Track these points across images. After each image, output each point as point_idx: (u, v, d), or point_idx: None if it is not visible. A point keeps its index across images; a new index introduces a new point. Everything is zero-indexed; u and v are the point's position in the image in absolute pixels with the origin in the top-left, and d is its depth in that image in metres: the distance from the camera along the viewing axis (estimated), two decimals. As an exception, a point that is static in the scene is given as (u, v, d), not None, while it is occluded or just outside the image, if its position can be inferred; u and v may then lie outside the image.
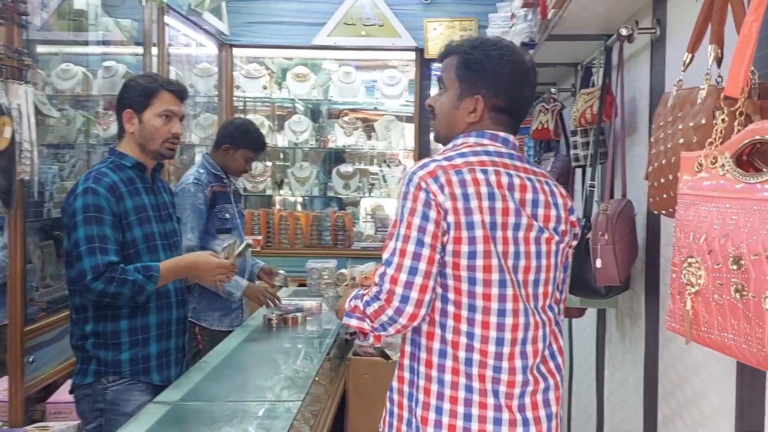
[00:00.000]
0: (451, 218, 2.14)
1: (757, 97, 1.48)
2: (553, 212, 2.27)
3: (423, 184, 2.17)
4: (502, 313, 2.19)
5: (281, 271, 4.80)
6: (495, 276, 2.17)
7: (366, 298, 2.25)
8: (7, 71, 3.24)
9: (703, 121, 1.56)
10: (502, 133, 2.32)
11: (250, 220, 6.72)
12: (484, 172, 2.20)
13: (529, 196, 2.23)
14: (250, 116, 7.20)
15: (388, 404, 2.41)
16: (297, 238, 6.93)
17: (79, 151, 4.82)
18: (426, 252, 2.15)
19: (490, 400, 2.19)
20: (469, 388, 2.19)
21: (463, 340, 2.19)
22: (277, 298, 4.45)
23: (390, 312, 2.16)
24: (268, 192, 7.58)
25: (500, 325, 2.19)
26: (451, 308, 2.20)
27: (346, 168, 7.53)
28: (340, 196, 7.63)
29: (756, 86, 1.48)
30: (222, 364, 3.54)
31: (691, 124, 1.61)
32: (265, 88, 7.42)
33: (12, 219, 3.47)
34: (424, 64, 7.28)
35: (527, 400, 2.24)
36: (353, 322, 2.33)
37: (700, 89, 1.61)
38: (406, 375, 2.33)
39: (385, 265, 2.19)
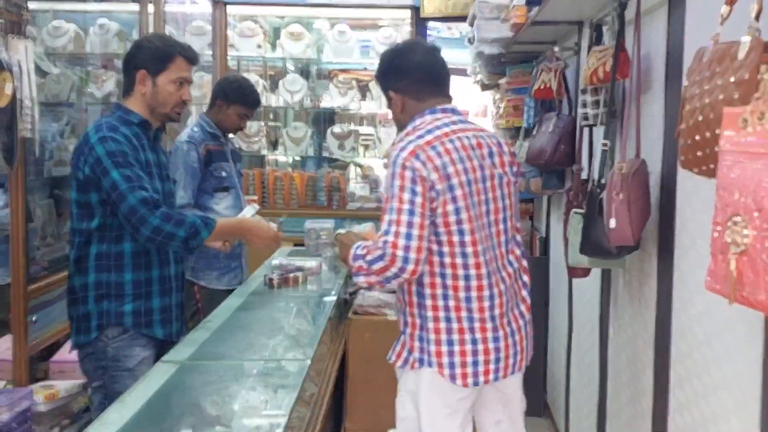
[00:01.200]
0: (438, 187, 2.66)
1: (804, 52, 1.45)
2: (505, 158, 2.89)
3: (408, 164, 2.66)
4: (484, 251, 2.76)
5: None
6: (475, 223, 2.73)
7: (368, 257, 2.70)
8: (7, 25, 3.18)
9: (747, 76, 1.53)
10: (441, 105, 2.90)
11: (245, 180, 6.68)
12: (451, 141, 2.75)
13: (485, 150, 2.83)
14: (243, 75, 7.14)
15: (402, 351, 2.94)
16: (292, 198, 6.90)
17: (75, 109, 4.76)
18: (417, 220, 2.63)
19: (489, 324, 2.78)
20: (471, 320, 2.76)
21: (461, 283, 2.75)
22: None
23: (394, 270, 2.65)
24: (263, 152, 7.53)
25: (486, 261, 2.76)
26: (447, 259, 2.74)
27: (340, 128, 7.47)
28: (334, 157, 7.59)
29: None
30: (226, 324, 3.52)
31: (732, 80, 1.58)
32: (259, 47, 7.34)
33: (14, 177, 3.43)
34: (419, 23, 7.22)
35: (510, 314, 2.87)
36: (361, 279, 2.79)
37: (741, 43, 1.57)
38: (417, 321, 2.84)
39: (384, 234, 2.66)
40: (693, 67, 1.78)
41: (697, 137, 1.72)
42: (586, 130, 3.80)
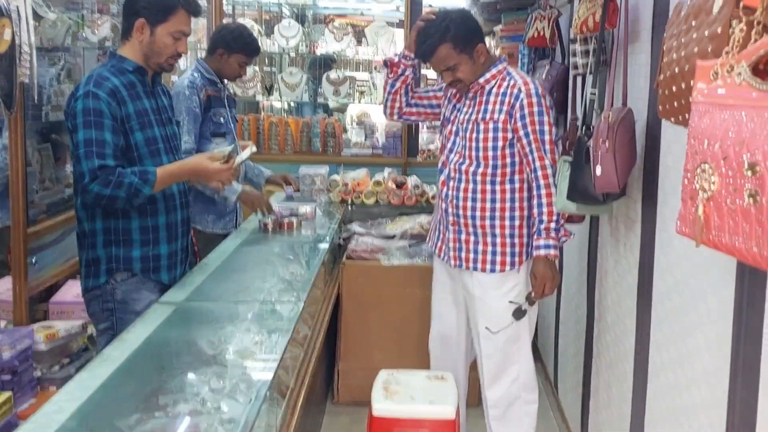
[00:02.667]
0: None
1: (775, 6, 1.50)
2: None
3: (545, 100, 3.46)
4: None
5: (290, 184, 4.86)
6: None
7: (543, 217, 3.46)
8: (4, -30, 3.20)
9: (719, 31, 1.59)
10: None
11: (240, 126, 6.70)
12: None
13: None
14: (239, 20, 7.13)
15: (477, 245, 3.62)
16: (287, 144, 6.93)
17: (71, 54, 4.78)
18: None
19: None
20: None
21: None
22: (269, 208, 4.48)
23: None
24: (258, 98, 7.54)
25: None
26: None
27: (335, 74, 7.49)
28: (329, 102, 7.61)
29: (773, -4, 1.50)
30: (222, 267, 3.61)
31: (706, 33, 1.64)
32: (255, -11, 7.33)
33: (12, 122, 3.48)
34: (416, -32, 7.19)
35: None
36: (553, 243, 3.47)
37: (716, -2, 1.64)
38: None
39: (546, 171, 3.45)
40: (672, 20, 1.84)
41: (674, 88, 1.78)
42: (579, 79, 3.85)
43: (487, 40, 6.73)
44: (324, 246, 4.16)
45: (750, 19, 1.48)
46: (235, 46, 4.50)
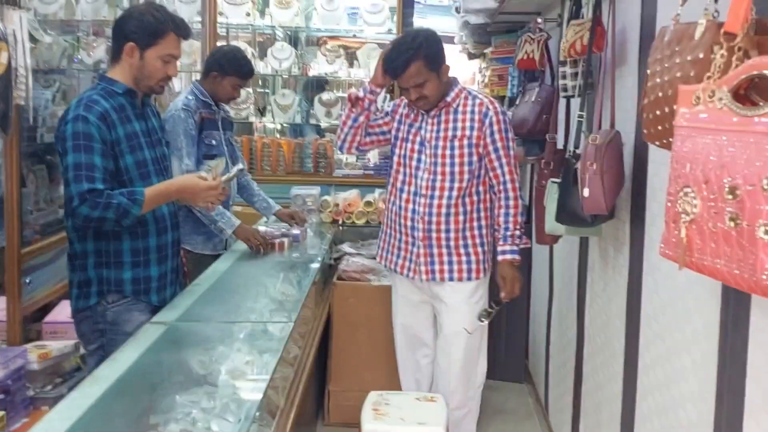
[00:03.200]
0: None
1: (754, 32, 1.53)
2: None
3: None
4: None
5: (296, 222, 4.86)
6: None
7: (509, 225, 3.75)
8: (1, -4, 3.23)
9: (701, 56, 1.63)
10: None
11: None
12: None
13: None
14: (232, 43, 7.17)
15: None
16: (279, 164, 6.96)
17: (66, 76, 4.81)
18: None
19: None
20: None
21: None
22: (265, 246, 4.43)
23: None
24: (251, 119, 7.57)
25: None
26: None
27: (328, 96, 7.52)
28: (321, 124, 7.65)
29: (753, 22, 1.53)
30: (214, 287, 3.62)
31: (688, 58, 1.68)
32: (247, 15, 7.36)
33: (8, 143, 3.50)
34: (407, -9, 7.25)
35: None
36: (517, 248, 3.79)
37: (698, 24, 1.67)
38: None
39: (514, 183, 3.75)
40: (656, 45, 1.87)
41: (658, 112, 1.82)
42: (563, 101, 3.90)
43: (478, 62, 6.80)
44: (315, 266, 4.18)
45: (731, 44, 1.51)
46: (229, 68, 4.53)
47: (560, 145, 3.83)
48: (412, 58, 3.54)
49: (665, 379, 2.43)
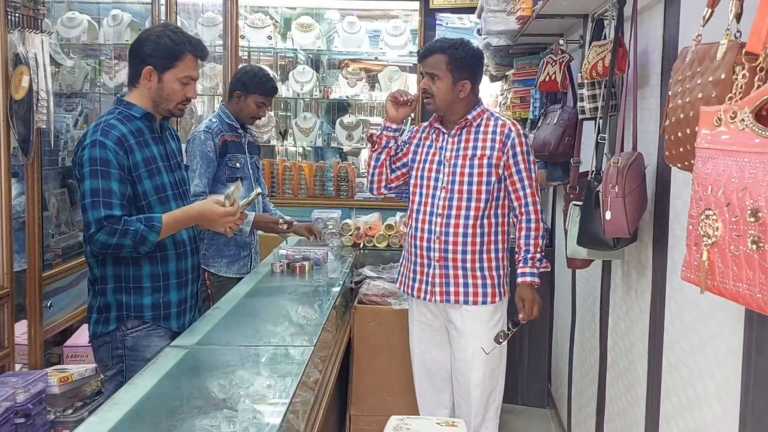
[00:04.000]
0: None
1: (777, 53, 1.51)
2: None
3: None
4: None
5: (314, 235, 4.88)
6: None
7: (530, 247, 3.73)
8: (23, 20, 3.27)
9: (723, 77, 1.60)
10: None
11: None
12: None
13: None
14: (254, 65, 7.22)
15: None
16: (301, 188, 6.98)
17: (89, 100, 4.85)
18: None
19: None
20: None
21: None
22: (289, 223, 4.60)
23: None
24: (273, 142, 7.61)
25: None
26: None
27: (349, 119, 7.54)
28: (342, 147, 7.67)
29: (775, 43, 1.51)
30: (234, 311, 3.62)
31: (710, 79, 1.66)
32: (269, 38, 7.41)
33: (30, 167, 3.52)
34: (428, 13, 7.28)
35: None
36: (537, 271, 3.76)
37: (720, 44, 1.65)
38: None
39: (537, 205, 3.75)
40: (677, 65, 1.86)
41: (680, 134, 1.79)
42: (588, 123, 3.87)
43: (500, 84, 6.78)
44: (336, 290, 4.17)
45: (752, 65, 1.49)
46: (251, 85, 4.56)
47: (585, 168, 3.80)
48: (439, 48, 3.64)
49: (688, 404, 2.39)
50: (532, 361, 5.45)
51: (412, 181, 3.86)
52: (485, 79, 7.10)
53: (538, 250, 3.75)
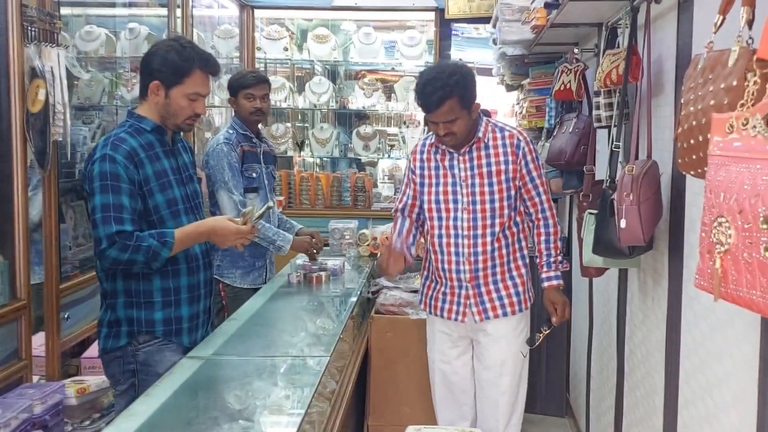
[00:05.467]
0: None
1: (788, 59, 1.51)
2: None
3: None
4: None
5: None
6: None
7: (551, 251, 3.73)
8: (40, 34, 3.29)
9: (735, 83, 1.60)
10: None
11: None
12: None
13: None
14: (270, 77, 7.23)
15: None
16: (318, 198, 7.00)
17: (106, 112, 4.88)
18: None
19: None
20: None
21: None
22: (319, 248, 4.72)
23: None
24: (290, 153, 7.63)
25: None
26: None
27: (365, 129, 7.56)
28: (359, 157, 7.68)
29: (787, 49, 1.51)
30: (250, 321, 3.62)
31: (722, 86, 1.65)
32: (285, 49, 7.45)
33: (46, 179, 3.54)
34: (444, 24, 7.30)
35: None
36: (560, 272, 3.76)
37: (731, 51, 1.64)
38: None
39: (553, 210, 3.75)
40: (689, 73, 1.85)
41: (692, 141, 1.79)
42: (601, 131, 3.87)
43: (515, 93, 6.78)
44: (353, 300, 4.17)
45: (764, 71, 1.49)
46: (232, 87, 4.63)
47: (600, 177, 3.79)
48: (447, 95, 3.43)
49: (706, 413, 2.38)
50: (551, 370, 5.43)
51: (426, 206, 3.77)
52: (501, 88, 7.13)
53: (558, 252, 3.75)
